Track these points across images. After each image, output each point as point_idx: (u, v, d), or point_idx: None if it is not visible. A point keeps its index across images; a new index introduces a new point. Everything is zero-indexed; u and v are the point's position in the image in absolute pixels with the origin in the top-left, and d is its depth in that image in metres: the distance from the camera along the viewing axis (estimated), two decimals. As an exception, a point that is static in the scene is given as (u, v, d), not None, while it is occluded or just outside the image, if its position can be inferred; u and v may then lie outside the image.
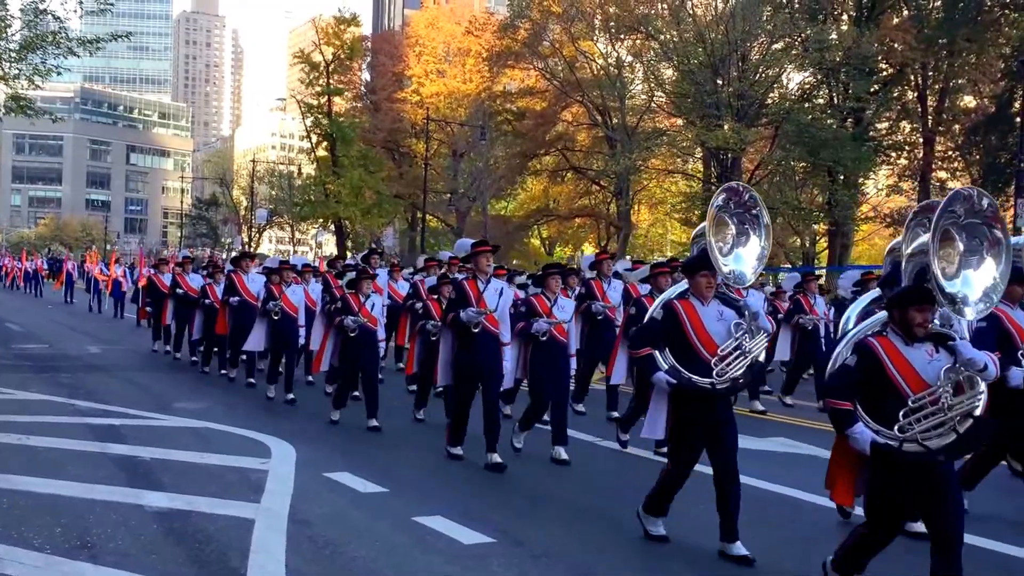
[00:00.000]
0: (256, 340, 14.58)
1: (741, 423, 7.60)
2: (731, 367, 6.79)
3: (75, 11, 29.00)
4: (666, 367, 6.89)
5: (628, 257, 25.31)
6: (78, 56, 28.88)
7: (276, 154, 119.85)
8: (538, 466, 10.11)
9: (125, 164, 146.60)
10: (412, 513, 7.80)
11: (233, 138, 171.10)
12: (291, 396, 13.78)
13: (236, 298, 15.82)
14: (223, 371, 16.52)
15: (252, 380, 15.51)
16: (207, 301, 17.17)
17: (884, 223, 42.70)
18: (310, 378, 15.82)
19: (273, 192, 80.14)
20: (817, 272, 20.17)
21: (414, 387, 13.69)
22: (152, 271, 22.44)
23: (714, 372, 6.76)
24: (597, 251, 19.70)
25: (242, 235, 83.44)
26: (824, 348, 15.01)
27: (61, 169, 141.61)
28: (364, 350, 12.13)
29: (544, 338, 10.12)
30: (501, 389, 10.23)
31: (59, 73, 29.33)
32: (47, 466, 9.04)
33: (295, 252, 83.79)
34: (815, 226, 42.17)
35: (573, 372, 11.24)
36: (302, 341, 14.74)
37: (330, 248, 78.12)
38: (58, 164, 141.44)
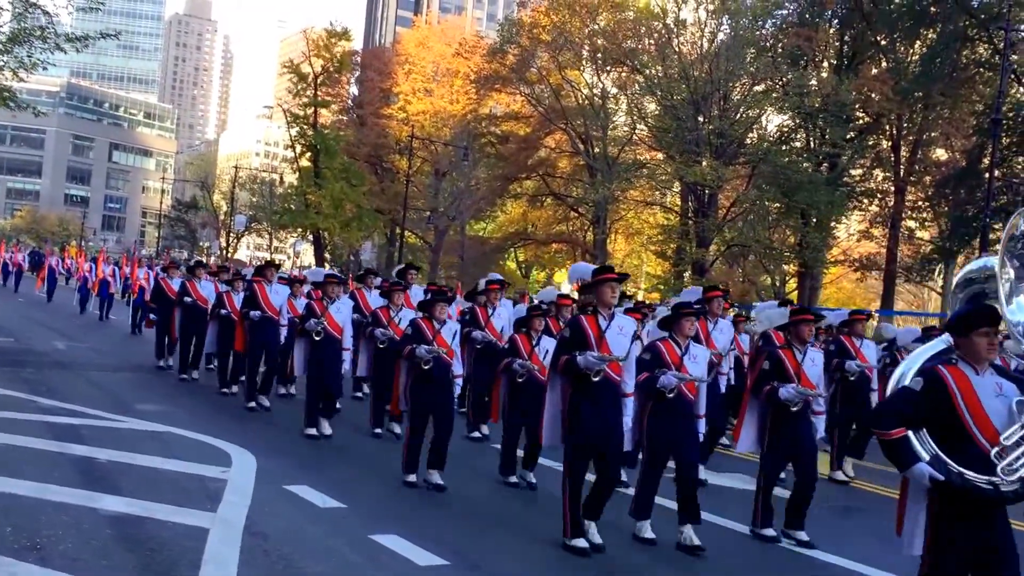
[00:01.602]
0: (296, 364, 13.01)
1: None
2: (1019, 462, 4.92)
3: (65, 7, 29.11)
4: (928, 456, 5.11)
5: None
6: (65, 52, 28.81)
7: (259, 161, 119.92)
8: (503, 490, 10.12)
9: (107, 161, 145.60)
10: (369, 531, 7.76)
11: (217, 142, 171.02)
12: (328, 431, 12.22)
13: (257, 312, 14.35)
14: (226, 390, 15.31)
15: (265, 404, 14.24)
16: (223, 311, 15.64)
17: (853, 267, 43.18)
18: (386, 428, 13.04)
19: (254, 199, 79.90)
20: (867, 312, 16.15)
21: (476, 433, 12.92)
22: (160, 274, 20.12)
23: (997, 468, 4.93)
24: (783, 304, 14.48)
25: (220, 239, 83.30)
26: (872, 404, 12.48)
27: (41, 162, 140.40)
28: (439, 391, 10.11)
29: (671, 395, 8.24)
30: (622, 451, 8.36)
31: (45, 68, 29.25)
32: (2, 464, 8.86)
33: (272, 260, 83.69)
34: (786, 266, 42.64)
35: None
36: (347, 366, 12.99)
37: (308, 258, 78.11)
38: (39, 157, 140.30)
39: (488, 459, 11.17)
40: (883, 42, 39.65)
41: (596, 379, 7.75)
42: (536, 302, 16.83)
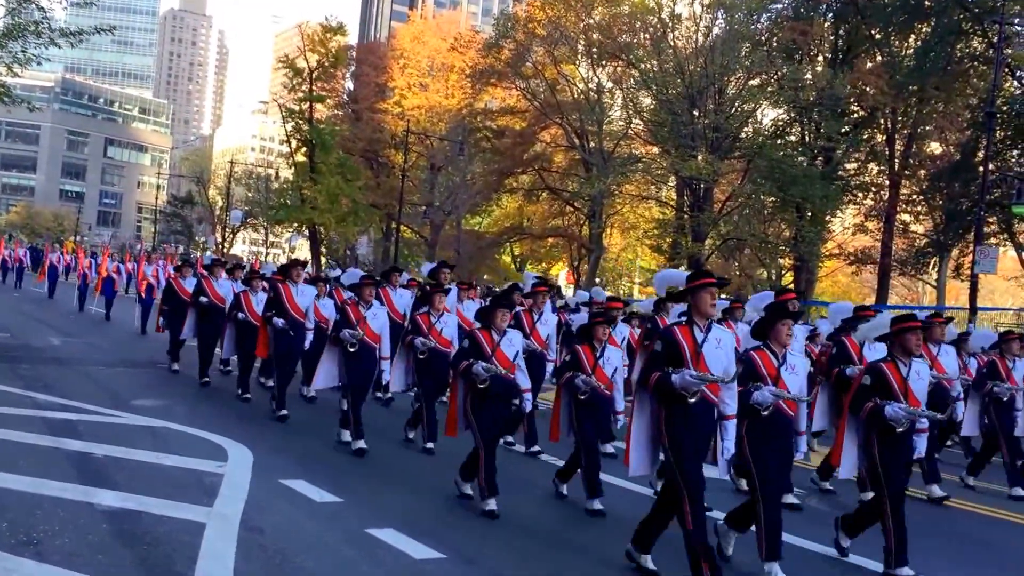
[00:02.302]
0: (327, 375, 11.60)
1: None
2: None
3: (60, 2, 29.09)
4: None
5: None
6: (59, 47, 28.77)
7: (255, 156, 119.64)
8: (500, 487, 9.99)
9: (102, 157, 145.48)
10: (365, 525, 7.76)
11: (212, 138, 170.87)
12: (361, 445, 11.05)
13: (282, 320, 13.34)
14: (244, 394, 14.43)
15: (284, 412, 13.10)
16: (240, 315, 14.57)
17: (848, 261, 43.29)
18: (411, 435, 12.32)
19: (249, 194, 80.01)
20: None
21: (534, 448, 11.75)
22: (172, 273, 19.01)
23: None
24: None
25: (216, 235, 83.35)
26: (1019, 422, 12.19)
27: (36, 158, 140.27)
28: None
29: (766, 412, 7.29)
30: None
31: (39, 63, 29.25)
32: None
33: (267, 255, 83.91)
34: (781, 260, 42.73)
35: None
36: (386, 377, 11.88)
37: (303, 252, 78.12)
38: (34, 152, 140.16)
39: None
40: (877, 36, 39.70)
41: (693, 400, 6.88)
42: (575, 304, 16.28)
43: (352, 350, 11.09)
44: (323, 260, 60.66)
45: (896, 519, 7.68)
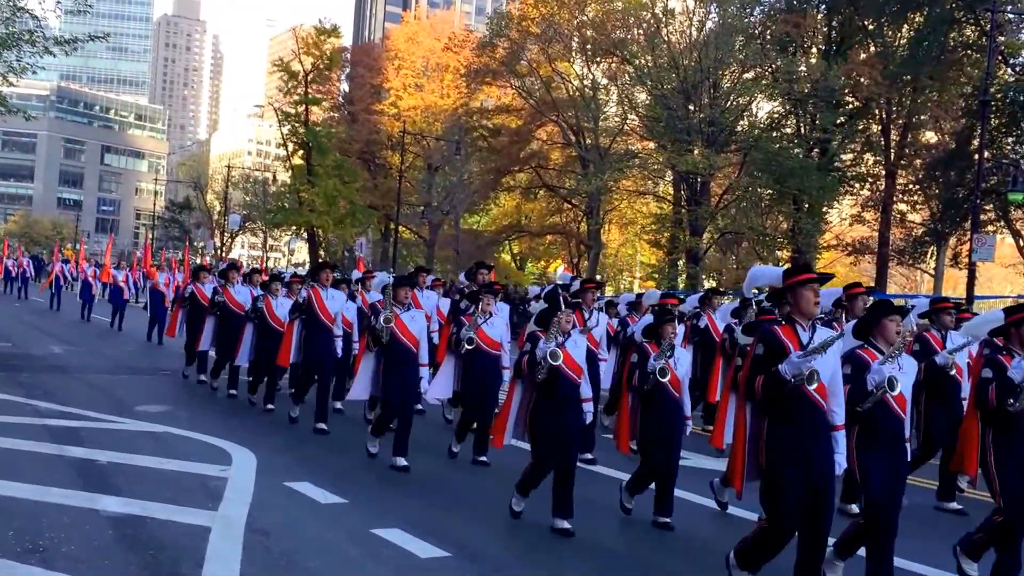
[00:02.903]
0: (362, 386, 11.02)
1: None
2: None
3: (53, 11, 29.17)
4: None
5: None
6: (54, 56, 28.82)
7: (252, 160, 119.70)
8: (501, 482, 9.85)
9: (99, 164, 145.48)
10: (370, 525, 7.78)
11: (209, 142, 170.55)
12: (404, 463, 10.32)
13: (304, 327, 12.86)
14: (268, 406, 13.83)
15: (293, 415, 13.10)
16: (261, 320, 14.15)
17: (846, 251, 43.31)
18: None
19: (247, 198, 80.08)
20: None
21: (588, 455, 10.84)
22: (190, 279, 18.35)
23: None
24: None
25: (215, 239, 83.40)
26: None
27: (34, 167, 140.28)
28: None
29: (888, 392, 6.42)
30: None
31: (34, 72, 29.29)
32: (2, 468, 8.90)
33: (267, 258, 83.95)
34: (779, 252, 42.73)
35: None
36: (425, 385, 11.02)
37: (302, 255, 78.27)
38: (31, 161, 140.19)
39: (493, 454, 10.98)
40: (871, 27, 39.72)
41: (812, 386, 6.05)
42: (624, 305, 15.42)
43: (384, 340, 10.34)
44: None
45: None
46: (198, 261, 67.00)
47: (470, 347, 10.85)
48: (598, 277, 47.21)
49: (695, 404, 11.54)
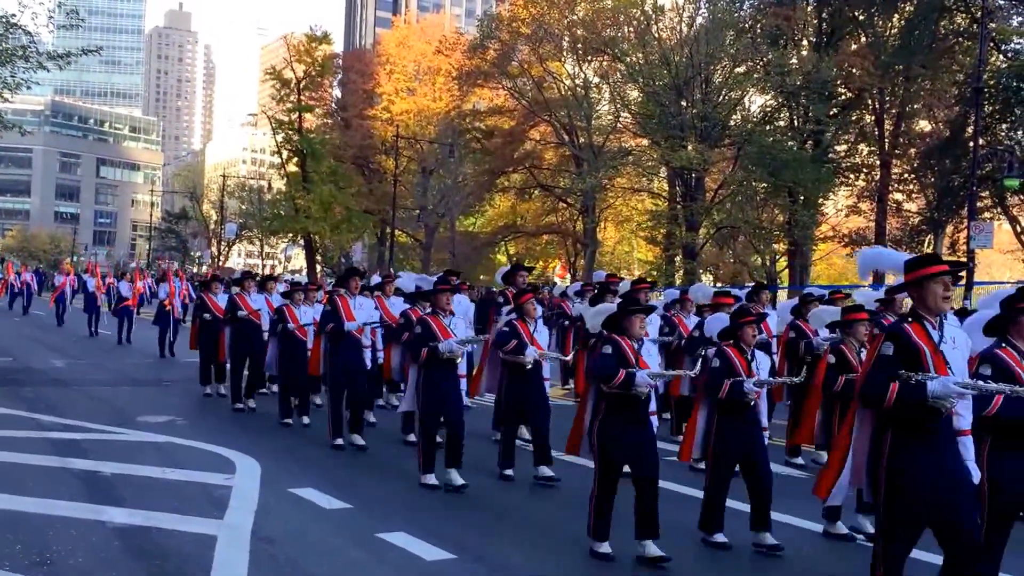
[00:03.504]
0: (407, 400, 10.42)
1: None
2: None
3: (46, 26, 29.23)
4: None
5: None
6: (48, 70, 28.85)
7: (246, 169, 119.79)
8: (503, 484, 10.04)
9: (95, 177, 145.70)
10: (375, 529, 7.79)
11: (204, 152, 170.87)
12: (460, 481, 9.55)
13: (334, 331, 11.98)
14: (285, 419, 13.24)
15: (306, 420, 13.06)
16: (288, 326, 13.33)
17: (842, 243, 43.36)
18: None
19: (243, 206, 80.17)
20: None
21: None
22: (201, 289, 17.52)
23: None
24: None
25: (211, 248, 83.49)
26: None
27: (30, 181, 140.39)
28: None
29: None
30: None
31: (29, 87, 29.35)
32: (7, 482, 8.90)
33: (263, 266, 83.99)
34: (775, 245, 42.79)
35: None
36: (465, 400, 10.62)
37: (299, 262, 78.30)
38: (27, 176, 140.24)
39: (494, 454, 11.07)
40: (861, 17, 39.80)
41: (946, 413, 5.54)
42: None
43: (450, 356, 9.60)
44: (318, 268, 60.80)
45: None
46: (194, 270, 67.13)
47: (529, 366, 10.01)
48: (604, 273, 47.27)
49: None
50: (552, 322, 15.60)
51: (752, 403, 7.82)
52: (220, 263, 76.52)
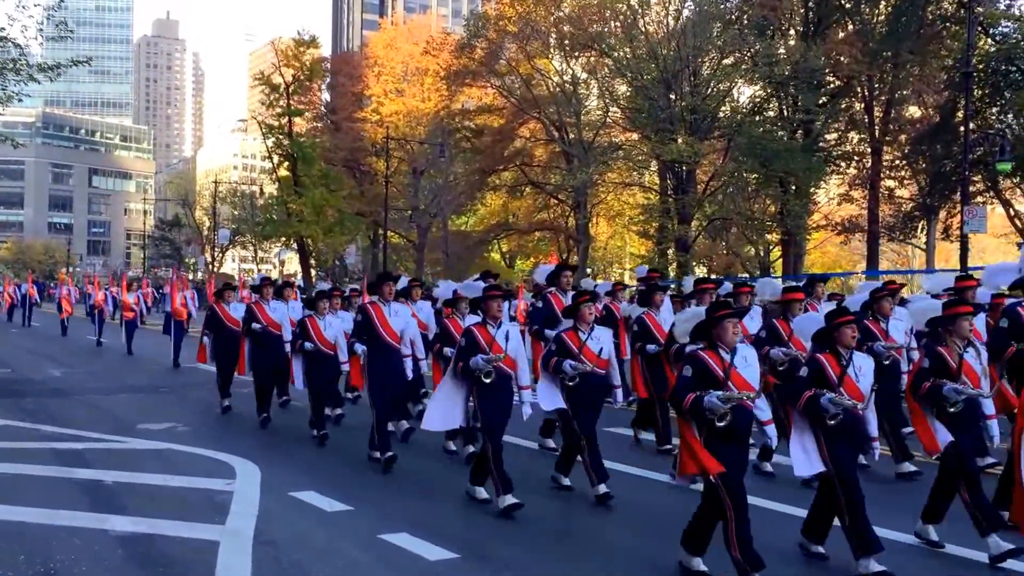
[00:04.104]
0: (446, 415, 9.12)
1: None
2: None
3: (35, 38, 29.23)
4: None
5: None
6: (39, 82, 28.87)
7: (238, 174, 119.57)
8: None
9: (87, 187, 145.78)
10: (377, 531, 7.81)
11: (195, 159, 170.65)
12: (510, 500, 8.57)
13: (311, 344, 11.99)
14: (317, 431, 12.26)
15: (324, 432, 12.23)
16: (308, 345, 12.25)
17: (835, 231, 43.41)
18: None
19: (236, 212, 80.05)
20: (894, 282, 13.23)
21: None
22: (213, 299, 16.46)
23: None
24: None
25: (205, 255, 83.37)
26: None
27: (23, 193, 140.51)
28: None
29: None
30: None
31: (20, 100, 29.34)
32: (10, 492, 8.97)
33: (258, 271, 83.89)
34: (768, 236, 42.83)
35: None
36: (527, 411, 9.18)
37: (293, 266, 78.24)
38: (20, 188, 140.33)
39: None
40: (847, 5, 39.86)
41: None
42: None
43: (487, 380, 8.64)
44: (312, 272, 60.79)
45: None
46: (190, 277, 66.99)
47: (571, 383, 9.01)
48: (588, 271, 47.39)
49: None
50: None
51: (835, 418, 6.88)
52: (216, 269, 76.44)
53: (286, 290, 15.29)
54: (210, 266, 79.17)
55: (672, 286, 17.78)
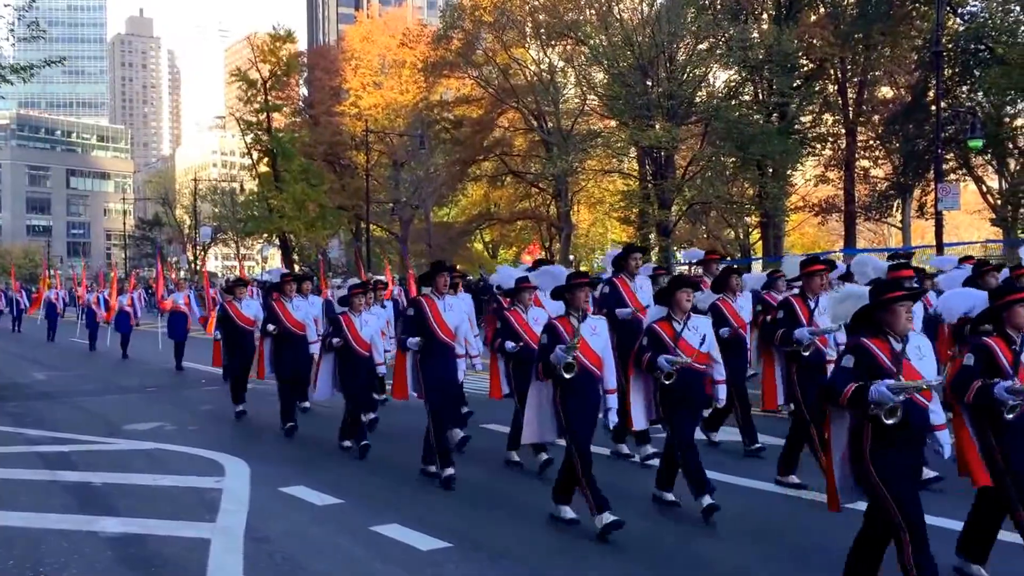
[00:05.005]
0: (541, 426, 8.03)
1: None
2: None
3: (7, 39, 29.16)
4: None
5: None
6: (12, 84, 28.79)
7: (218, 172, 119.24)
8: (491, 469, 10.09)
9: (65, 188, 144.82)
10: (369, 523, 7.84)
11: (174, 158, 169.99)
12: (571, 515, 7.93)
13: (415, 340, 9.61)
14: (346, 442, 11.37)
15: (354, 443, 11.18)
16: (335, 340, 11.14)
17: (813, 212, 43.74)
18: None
19: (216, 209, 79.94)
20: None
21: None
22: (225, 296, 15.62)
23: None
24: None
25: (187, 253, 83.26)
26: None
27: (0, 196, 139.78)
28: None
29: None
30: None
31: (-7, 103, 29.28)
32: None
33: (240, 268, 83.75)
34: (747, 218, 43.08)
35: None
36: (613, 418, 7.96)
37: (276, 262, 78.10)
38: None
39: (485, 441, 11.21)
40: (818, -13, 40.09)
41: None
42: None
43: (569, 375, 7.57)
44: (296, 268, 60.79)
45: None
46: (172, 276, 66.82)
47: (668, 381, 7.89)
48: (571, 257, 47.58)
49: None
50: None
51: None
52: (198, 267, 76.30)
53: (304, 284, 13.79)
54: (192, 264, 79.08)
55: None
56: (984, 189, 37.09)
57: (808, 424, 8.59)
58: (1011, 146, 33.70)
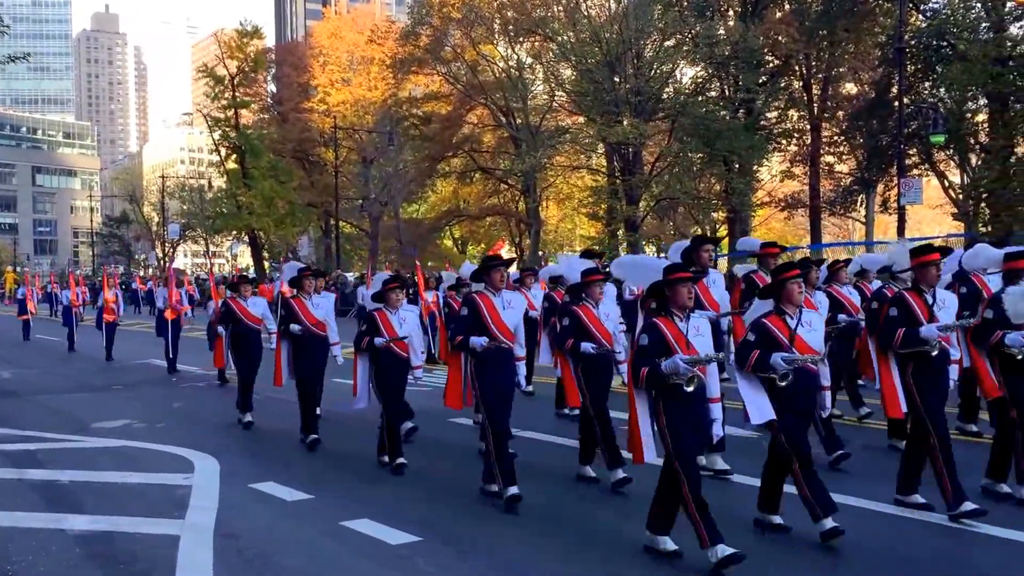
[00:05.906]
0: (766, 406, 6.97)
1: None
2: None
3: (-30, 35, 28.94)
4: None
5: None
6: (-25, 80, 28.59)
7: (185, 168, 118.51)
8: (460, 463, 10.07)
9: (31, 186, 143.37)
10: (339, 518, 7.82)
11: (141, 154, 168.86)
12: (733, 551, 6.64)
13: (482, 339, 8.31)
14: (382, 458, 10.21)
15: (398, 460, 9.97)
16: (379, 340, 9.74)
17: (779, 207, 44.14)
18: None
19: (185, 206, 79.55)
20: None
21: None
22: (229, 293, 14.56)
23: None
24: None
25: (156, 251, 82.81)
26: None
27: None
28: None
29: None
30: None
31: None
32: None
33: (210, 265, 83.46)
34: (714, 214, 43.40)
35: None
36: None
37: (245, 259, 77.88)
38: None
39: (454, 435, 11.27)
40: (783, -15, 40.40)
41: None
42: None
43: (690, 389, 6.64)
44: (265, 265, 60.64)
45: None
46: (142, 273, 66.42)
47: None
48: (540, 253, 47.77)
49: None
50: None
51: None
52: (167, 264, 75.89)
53: (319, 280, 12.67)
54: (161, 262, 78.67)
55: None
56: (946, 184, 37.55)
57: (929, 435, 7.58)
58: (972, 141, 34.12)
